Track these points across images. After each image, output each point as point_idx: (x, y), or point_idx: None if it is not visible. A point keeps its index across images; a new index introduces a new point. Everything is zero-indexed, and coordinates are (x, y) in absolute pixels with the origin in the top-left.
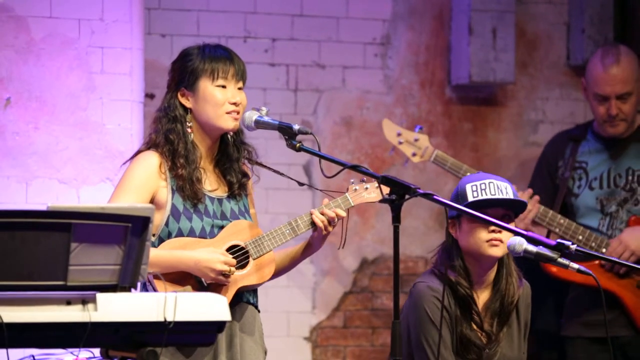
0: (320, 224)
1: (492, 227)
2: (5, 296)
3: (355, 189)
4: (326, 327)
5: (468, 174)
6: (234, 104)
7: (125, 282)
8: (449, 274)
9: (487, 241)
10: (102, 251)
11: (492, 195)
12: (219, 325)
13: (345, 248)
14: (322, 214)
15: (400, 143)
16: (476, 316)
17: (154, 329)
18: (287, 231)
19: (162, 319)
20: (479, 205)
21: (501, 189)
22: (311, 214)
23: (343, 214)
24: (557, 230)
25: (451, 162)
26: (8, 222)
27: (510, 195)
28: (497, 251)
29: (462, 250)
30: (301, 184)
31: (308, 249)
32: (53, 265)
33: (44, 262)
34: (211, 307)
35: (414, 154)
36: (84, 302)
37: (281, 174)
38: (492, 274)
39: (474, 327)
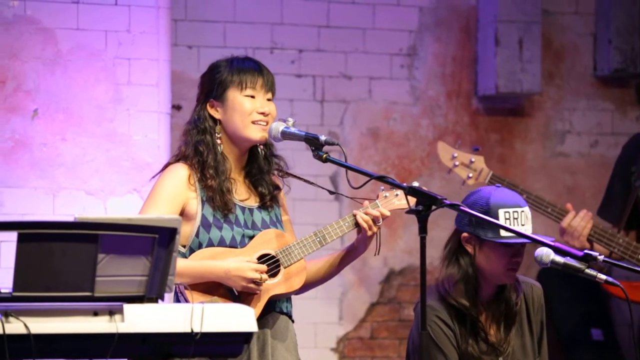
0: (364, 225)
1: (515, 253)
2: (32, 307)
3: (386, 196)
4: (353, 338)
5: (524, 195)
6: (262, 113)
7: (152, 293)
8: (453, 295)
9: (508, 268)
10: (129, 262)
11: (522, 225)
12: (246, 336)
13: (372, 259)
14: (366, 214)
15: (456, 166)
16: (482, 332)
17: (181, 340)
18: (317, 239)
19: (189, 330)
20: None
21: (527, 215)
22: (354, 215)
23: (388, 213)
24: (615, 250)
25: (507, 183)
26: (35, 234)
27: (530, 218)
28: (514, 276)
29: (478, 268)
30: (332, 193)
31: (353, 252)
32: (80, 277)
33: (71, 273)
34: (238, 318)
35: (469, 177)
36: (111, 313)
37: (312, 184)
38: (497, 287)
39: (480, 341)
